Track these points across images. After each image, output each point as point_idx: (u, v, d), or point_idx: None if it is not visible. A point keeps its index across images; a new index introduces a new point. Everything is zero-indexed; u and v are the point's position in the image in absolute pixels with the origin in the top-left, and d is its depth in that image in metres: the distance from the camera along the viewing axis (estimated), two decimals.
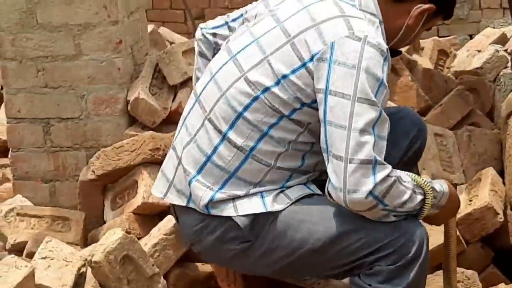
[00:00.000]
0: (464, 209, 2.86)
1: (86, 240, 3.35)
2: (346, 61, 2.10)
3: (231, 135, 2.23)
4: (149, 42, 4.03)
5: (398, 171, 2.14)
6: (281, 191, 2.28)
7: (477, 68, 4.01)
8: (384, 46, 2.14)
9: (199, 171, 2.28)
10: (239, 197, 2.26)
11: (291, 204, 2.26)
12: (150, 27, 4.32)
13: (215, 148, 2.25)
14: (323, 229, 2.21)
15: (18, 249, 3.26)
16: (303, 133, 2.24)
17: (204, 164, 2.27)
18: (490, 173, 3.05)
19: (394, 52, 2.34)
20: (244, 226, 2.24)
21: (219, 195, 2.26)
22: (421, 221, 2.31)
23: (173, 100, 3.67)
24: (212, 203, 2.26)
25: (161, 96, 3.60)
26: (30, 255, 3.09)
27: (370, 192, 2.06)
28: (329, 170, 2.11)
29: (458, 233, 2.65)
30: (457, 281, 2.65)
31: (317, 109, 2.16)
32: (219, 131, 2.25)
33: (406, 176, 2.18)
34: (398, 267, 2.18)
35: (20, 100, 3.63)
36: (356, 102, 2.08)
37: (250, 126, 2.22)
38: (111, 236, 2.82)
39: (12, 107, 3.66)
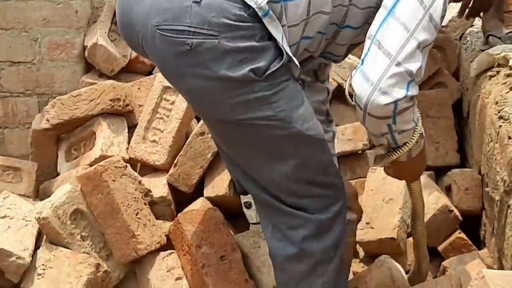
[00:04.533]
0: None
1: (38, 192, 3.21)
2: None
3: None
4: None
5: None
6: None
7: (442, 26, 3.94)
8: None
9: None
10: None
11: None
12: None
13: None
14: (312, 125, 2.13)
15: None
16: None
17: None
18: None
19: None
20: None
21: None
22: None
23: None
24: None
25: (120, 43, 3.45)
26: None
27: (396, 101, 2.01)
28: (368, 59, 2.04)
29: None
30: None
31: None
32: None
33: (418, 112, 2.18)
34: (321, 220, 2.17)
35: None
36: (427, 17, 2.04)
37: None
38: (59, 191, 2.71)
39: None
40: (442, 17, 2.09)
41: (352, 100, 2.08)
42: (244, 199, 2.81)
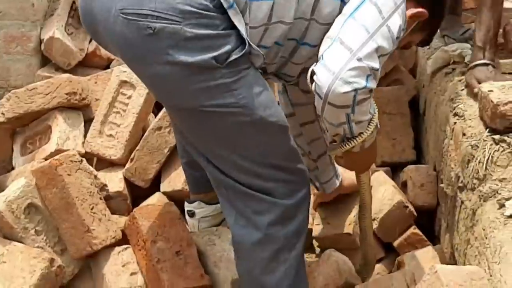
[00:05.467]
0: None
1: None
2: None
3: None
4: None
5: None
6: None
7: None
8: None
9: None
10: None
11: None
12: None
13: None
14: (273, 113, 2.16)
15: None
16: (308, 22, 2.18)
17: None
18: None
19: None
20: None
21: None
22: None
23: (90, 42, 3.50)
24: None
25: (77, 37, 3.43)
26: None
27: (357, 90, 2.03)
28: (328, 54, 2.06)
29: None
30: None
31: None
32: None
33: (374, 103, 2.23)
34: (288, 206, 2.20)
35: None
36: (385, 26, 2.06)
37: None
38: (14, 185, 2.68)
39: None
40: (397, 38, 2.12)
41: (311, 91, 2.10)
42: (188, 207, 2.79)
